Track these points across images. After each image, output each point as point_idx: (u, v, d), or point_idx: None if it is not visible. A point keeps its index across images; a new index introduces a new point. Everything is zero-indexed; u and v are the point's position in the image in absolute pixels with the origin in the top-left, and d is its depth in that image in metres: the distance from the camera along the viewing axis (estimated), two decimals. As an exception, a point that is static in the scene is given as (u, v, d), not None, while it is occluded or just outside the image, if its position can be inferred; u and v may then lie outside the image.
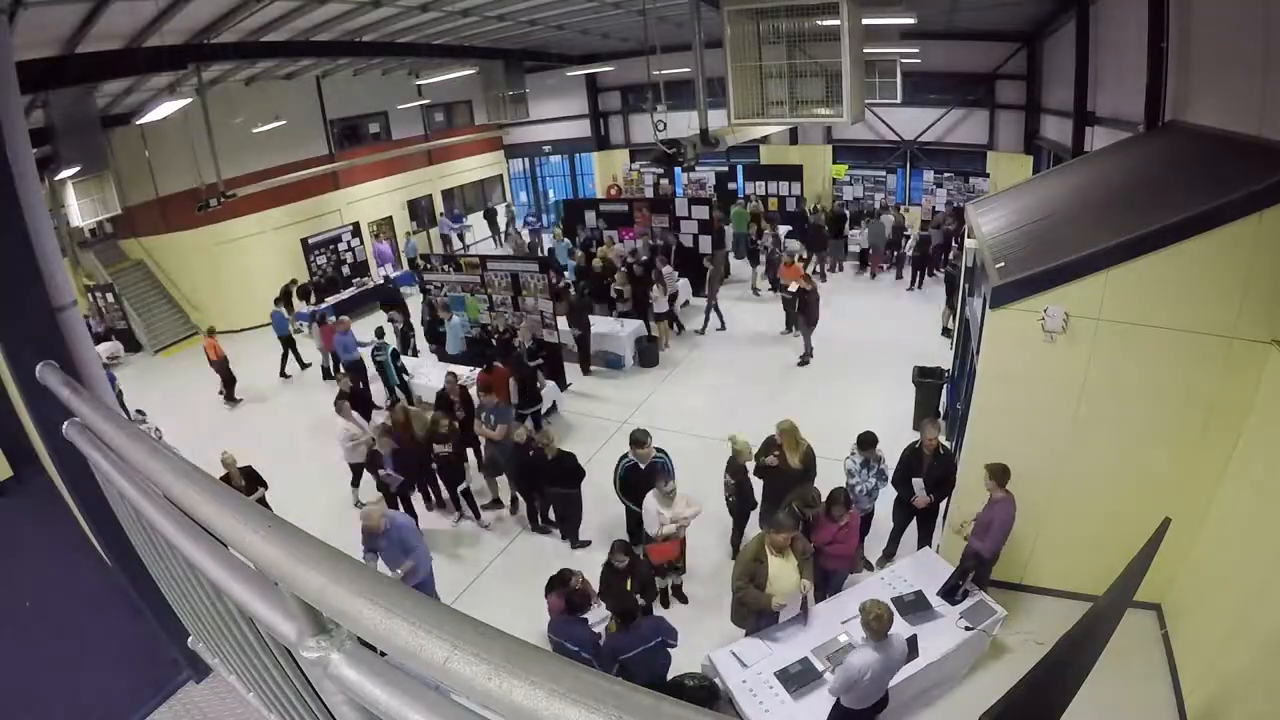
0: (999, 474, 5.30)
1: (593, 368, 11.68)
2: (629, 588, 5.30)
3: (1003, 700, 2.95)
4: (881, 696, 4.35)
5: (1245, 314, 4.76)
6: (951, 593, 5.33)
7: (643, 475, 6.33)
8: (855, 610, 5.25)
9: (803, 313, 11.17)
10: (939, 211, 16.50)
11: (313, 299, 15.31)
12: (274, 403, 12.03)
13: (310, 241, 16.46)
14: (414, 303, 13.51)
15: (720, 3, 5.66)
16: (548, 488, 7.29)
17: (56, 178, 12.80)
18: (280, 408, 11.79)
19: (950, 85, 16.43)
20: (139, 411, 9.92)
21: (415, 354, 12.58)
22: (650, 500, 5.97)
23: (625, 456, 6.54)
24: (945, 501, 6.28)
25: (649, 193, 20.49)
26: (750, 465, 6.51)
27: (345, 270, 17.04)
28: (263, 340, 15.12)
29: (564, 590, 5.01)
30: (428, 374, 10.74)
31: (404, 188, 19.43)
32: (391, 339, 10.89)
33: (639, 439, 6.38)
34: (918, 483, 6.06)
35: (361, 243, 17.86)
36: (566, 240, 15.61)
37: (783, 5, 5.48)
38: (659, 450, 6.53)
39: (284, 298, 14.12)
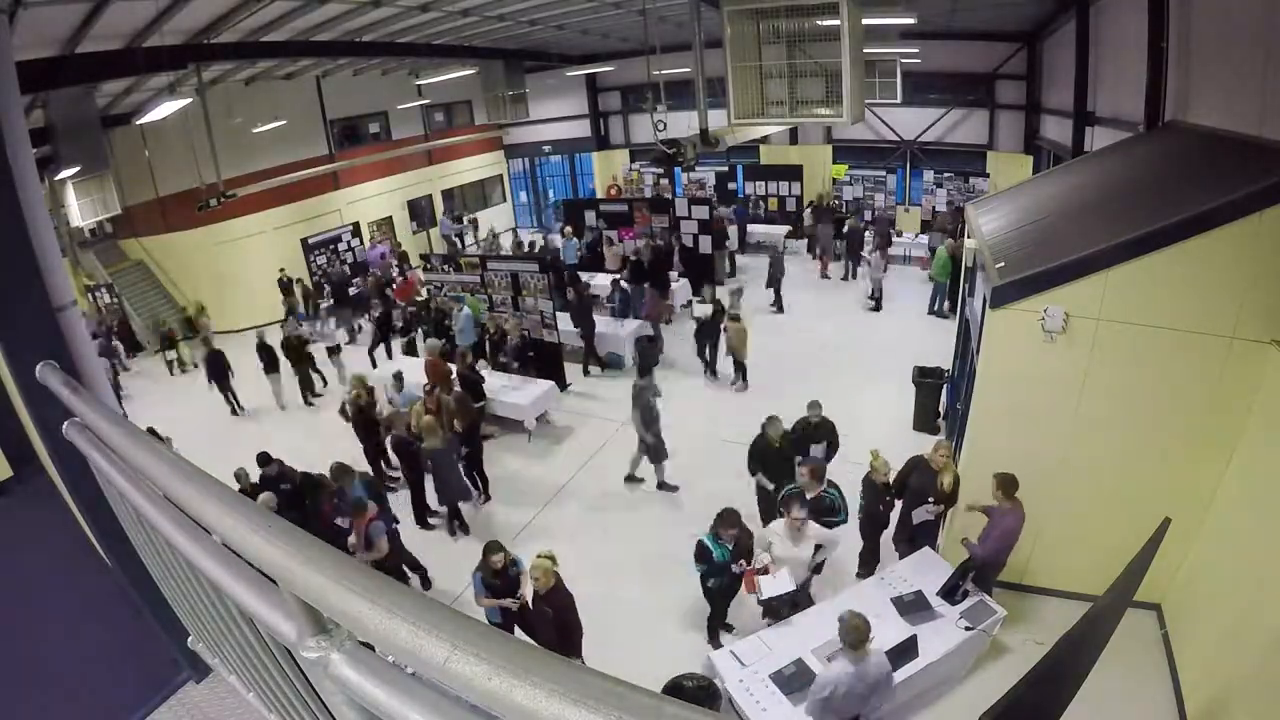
0: (1007, 484, 5.18)
1: (591, 368, 11.70)
2: None
3: (1003, 700, 2.95)
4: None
5: (1245, 314, 4.76)
6: (951, 593, 5.32)
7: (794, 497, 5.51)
8: (858, 610, 5.29)
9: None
10: (940, 212, 16.52)
11: (311, 300, 15.34)
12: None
13: (310, 241, 16.48)
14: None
15: (720, 3, 5.65)
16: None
17: (56, 178, 12.79)
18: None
19: (950, 85, 16.42)
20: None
21: (390, 355, 12.52)
22: (774, 528, 5.47)
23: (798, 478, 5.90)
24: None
25: (649, 193, 20.49)
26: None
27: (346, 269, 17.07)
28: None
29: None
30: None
31: (404, 188, 19.44)
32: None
33: (819, 471, 5.83)
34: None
35: (362, 243, 17.86)
36: (575, 240, 15.61)
37: (783, 5, 5.47)
38: (831, 485, 5.91)
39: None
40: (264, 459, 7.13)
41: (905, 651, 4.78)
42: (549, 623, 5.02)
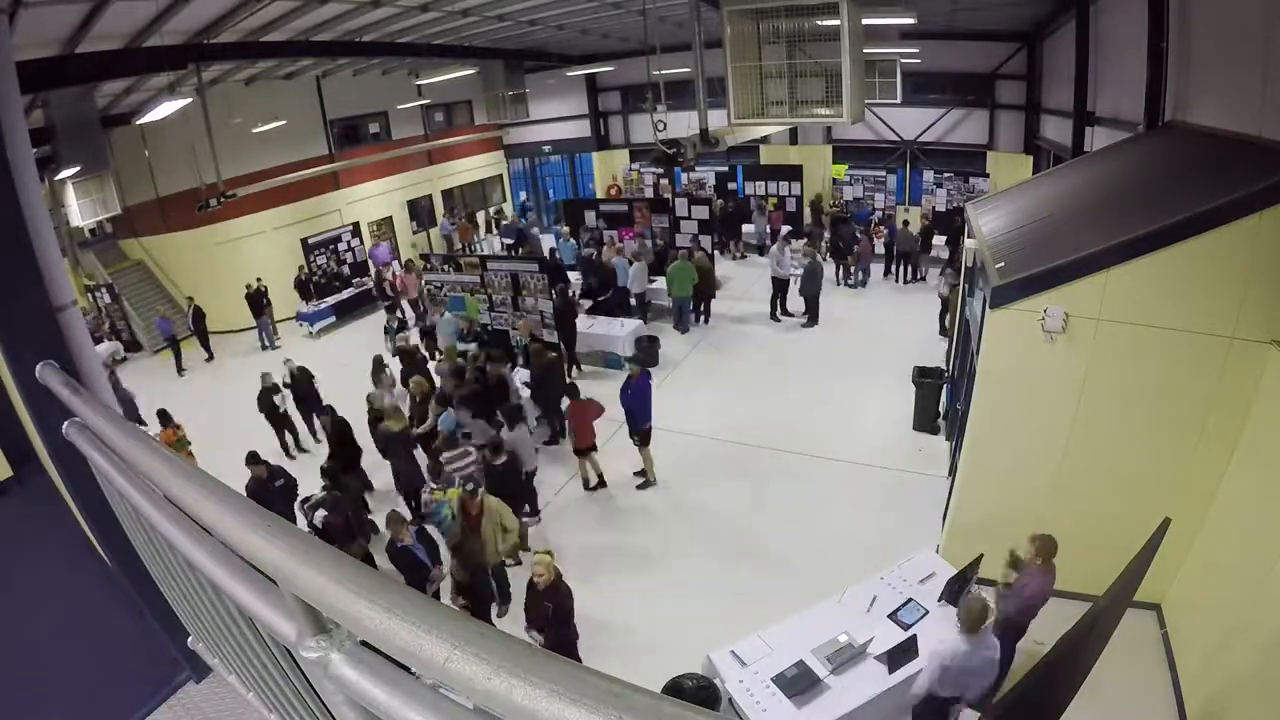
0: (1041, 547, 4.75)
1: (590, 367, 11.70)
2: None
3: (1003, 700, 2.95)
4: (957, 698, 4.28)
5: (1245, 314, 4.76)
6: (955, 595, 5.31)
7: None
8: (858, 610, 5.29)
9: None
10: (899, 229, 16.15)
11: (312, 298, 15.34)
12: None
13: (310, 241, 16.47)
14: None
15: (720, 3, 5.66)
16: None
17: (56, 178, 12.80)
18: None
19: (950, 85, 16.42)
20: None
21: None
22: None
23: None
24: None
25: (649, 193, 20.48)
26: None
27: (345, 269, 17.07)
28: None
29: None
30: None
31: (404, 188, 19.42)
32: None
33: None
34: None
35: (361, 243, 17.86)
36: (573, 241, 15.60)
37: (783, 5, 5.48)
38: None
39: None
40: (252, 457, 6.96)
41: (905, 651, 4.77)
42: (548, 618, 5.03)
